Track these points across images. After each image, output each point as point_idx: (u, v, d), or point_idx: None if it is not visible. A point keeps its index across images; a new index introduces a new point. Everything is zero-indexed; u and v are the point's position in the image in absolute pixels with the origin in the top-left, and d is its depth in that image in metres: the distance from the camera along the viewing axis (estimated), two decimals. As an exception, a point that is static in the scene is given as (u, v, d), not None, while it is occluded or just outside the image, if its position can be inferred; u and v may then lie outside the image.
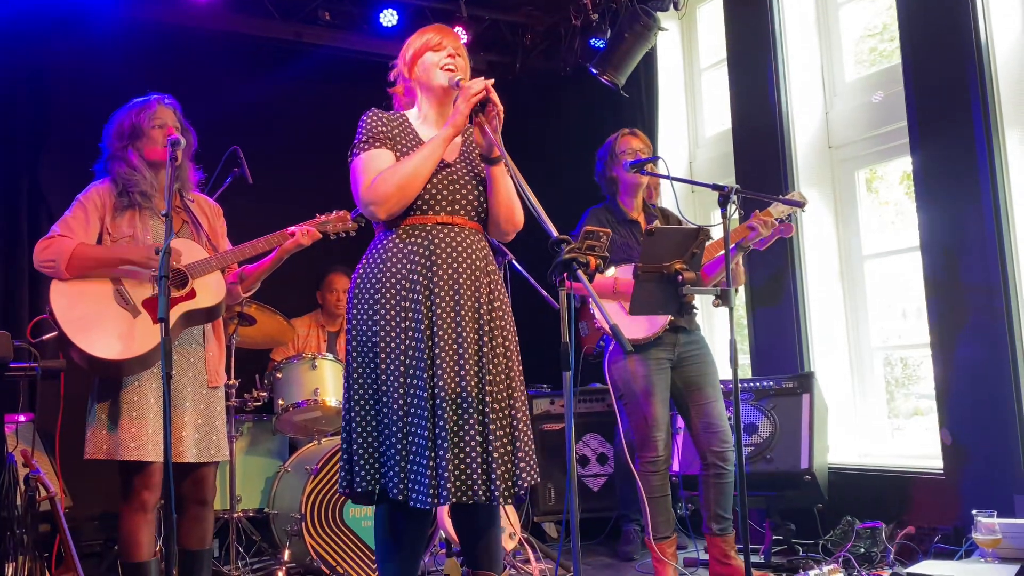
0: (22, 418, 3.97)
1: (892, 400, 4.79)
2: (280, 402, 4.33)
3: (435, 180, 2.58)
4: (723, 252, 3.53)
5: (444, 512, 3.87)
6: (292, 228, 3.24)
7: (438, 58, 2.65)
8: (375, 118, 2.66)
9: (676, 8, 5.34)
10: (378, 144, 2.60)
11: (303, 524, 3.94)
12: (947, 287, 3.94)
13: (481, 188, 2.66)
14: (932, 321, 4.00)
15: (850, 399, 4.71)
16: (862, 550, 3.77)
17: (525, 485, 2.53)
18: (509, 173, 2.51)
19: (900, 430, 4.69)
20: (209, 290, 3.06)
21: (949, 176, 3.93)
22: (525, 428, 2.58)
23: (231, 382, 4.15)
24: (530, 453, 2.56)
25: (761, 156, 4.88)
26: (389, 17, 5.67)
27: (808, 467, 4.04)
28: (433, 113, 2.70)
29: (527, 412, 2.62)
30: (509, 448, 2.53)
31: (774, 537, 4.15)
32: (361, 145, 2.62)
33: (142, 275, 2.98)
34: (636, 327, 3.62)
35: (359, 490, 2.53)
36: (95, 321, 2.91)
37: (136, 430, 2.89)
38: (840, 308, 4.78)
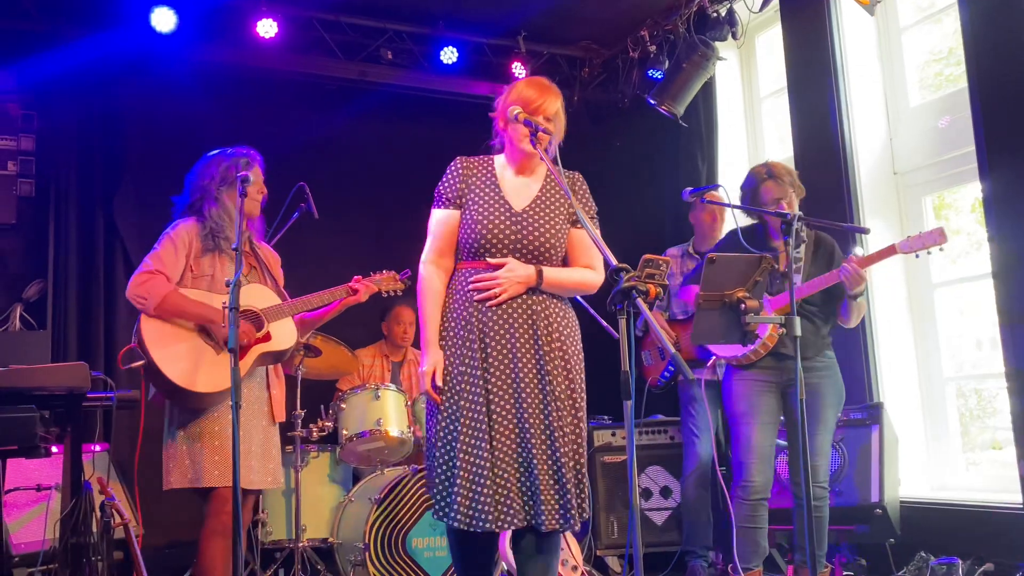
0: (97, 447, 4.10)
1: (966, 433, 4.64)
2: (344, 432, 4.38)
3: (500, 225, 2.72)
4: (822, 276, 3.52)
5: (507, 542, 3.86)
6: (355, 285, 3.48)
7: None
8: (453, 172, 2.83)
9: (734, 37, 5.33)
10: (445, 204, 2.80)
11: (366, 554, 3.96)
12: (1023, 315, 3.81)
13: (550, 234, 2.75)
14: (1007, 351, 3.87)
15: (921, 431, 4.57)
16: (938, 587, 3.64)
17: (588, 511, 2.62)
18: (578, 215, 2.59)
19: (975, 464, 4.53)
20: (283, 334, 3.26)
21: (1021, 201, 3.83)
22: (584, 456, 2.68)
23: (297, 412, 4.25)
24: (575, 489, 2.64)
25: (825, 183, 4.81)
26: (449, 55, 5.77)
27: (879, 500, 3.93)
28: (514, 165, 2.85)
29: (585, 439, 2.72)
30: (574, 475, 2.61)
31: (845, 573, 4.03)
32: (436, 200, 2.84)
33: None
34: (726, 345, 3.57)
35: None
36: (183, 354, 3.08)
37: (219, 458, 3.06)
38: (909, 337, 4.67)
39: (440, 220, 2.80)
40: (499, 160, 2.87)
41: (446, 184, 2.82)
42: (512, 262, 2.69)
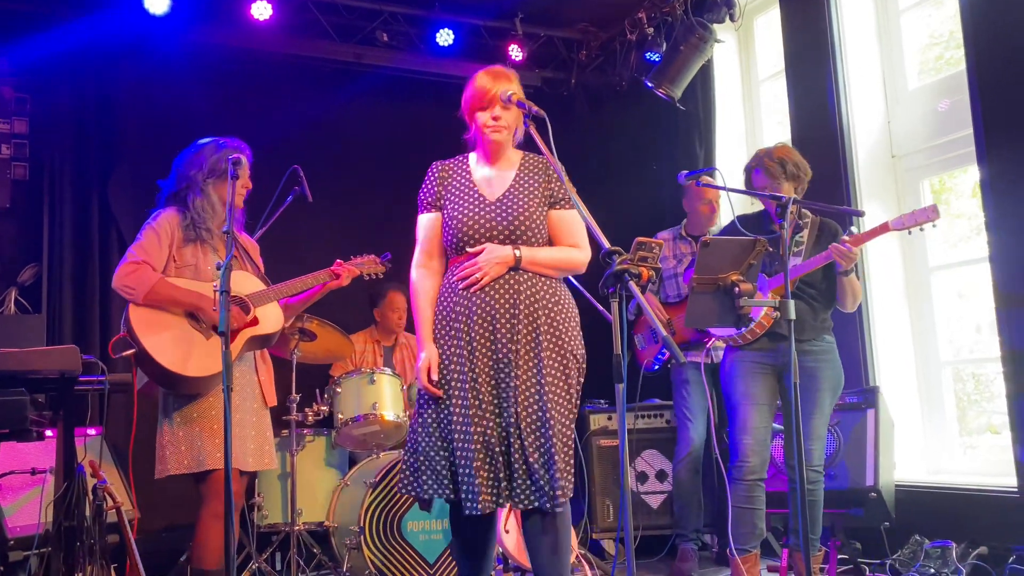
0: (91, 431, 4.10)
1: (963, 417, 4.64)
2: (339, 416, 4.38)
3: (475, 216, 2.81)
4: (816, 256, 3.50)
5: (502, 528, 3.86)
6: (338, 269, 3.48)
7: (486, 117, 2.83)
8: (431, 177, 2.95)
9: (732, 20, 5.29)
10: (426, 208, 2.93)
11: (362, 537, 3.97)
12: (1019, 299, 3.80)
13: (524, 217, 2.80)
14: (1003, 335, 3.86)
15: (918, 415, 4.57)
16: (932, 570, 3.65)
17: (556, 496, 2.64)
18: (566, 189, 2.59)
19: (973, 448, 4.53)
20: (270, 318, 3.30)
21: (1019, 184, 3.81)
22: (560, 440, 2.69)
23: (293, 396, 4.25)
24: (555, 468, 2.65)
25: (822, 166, 4.75)
26: (445, 37, 5.73)
27: (874, 484, 3.93)
28: (485, 158, 2.93)
29: (566, 426, 2.73)
30: (550, 452, 2.64)
31: (839, 556, 4.04)
32: (419, 206, 2.96)
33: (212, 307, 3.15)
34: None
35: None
36: (173, 340, 3.10)
37: (219, 440, 3.08)
38: (906, 321, 4.66)
39: (424, 225, 2.93)
40: (473, 157, 2.96)
41: (425, 190, 2.95)
42: (489, 246, 2.76)
